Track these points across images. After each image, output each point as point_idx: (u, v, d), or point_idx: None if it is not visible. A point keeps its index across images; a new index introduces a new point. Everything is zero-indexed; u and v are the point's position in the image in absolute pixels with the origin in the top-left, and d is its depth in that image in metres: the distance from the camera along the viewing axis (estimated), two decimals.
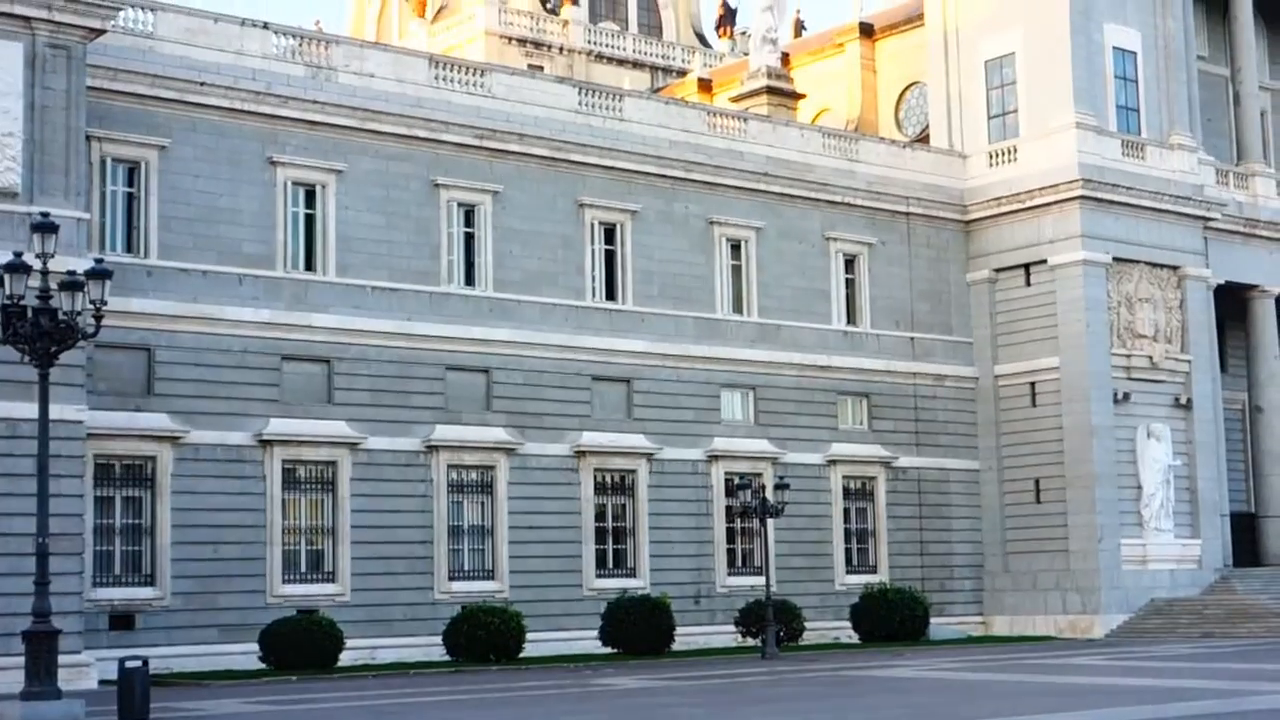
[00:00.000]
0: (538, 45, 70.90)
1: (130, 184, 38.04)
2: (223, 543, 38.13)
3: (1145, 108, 53.32)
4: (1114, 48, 52.61)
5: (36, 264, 24.92)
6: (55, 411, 28.55)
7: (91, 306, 25.10)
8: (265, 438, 38.91)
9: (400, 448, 41.04)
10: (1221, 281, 54.25)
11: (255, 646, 36.53)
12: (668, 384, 45.94)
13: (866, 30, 60.38)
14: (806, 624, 44.82)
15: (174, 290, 37.97)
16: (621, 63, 72.41)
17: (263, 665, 36.33)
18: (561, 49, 71.34)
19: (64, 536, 32.23)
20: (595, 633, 41.43)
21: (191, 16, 39.12)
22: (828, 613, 47.53)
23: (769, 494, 43.76)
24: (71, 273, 25.60)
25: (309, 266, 40.48)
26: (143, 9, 38.31)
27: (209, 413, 38.19)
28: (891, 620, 45.70)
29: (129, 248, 37.87)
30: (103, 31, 35.41)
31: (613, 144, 45.39)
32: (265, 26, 40.37)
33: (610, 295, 45.45)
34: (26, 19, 33.95)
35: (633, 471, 45.06)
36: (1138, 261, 51.61)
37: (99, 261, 26.99)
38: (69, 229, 32.68)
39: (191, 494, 37.73)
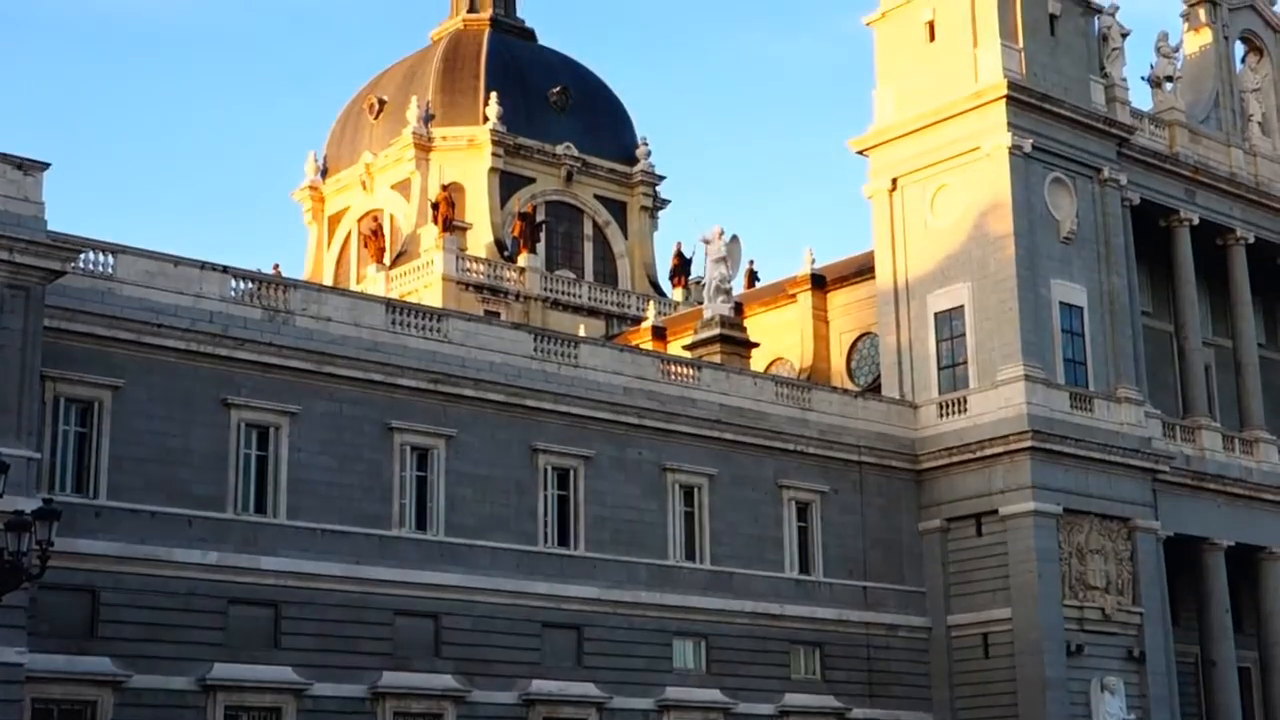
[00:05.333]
0: (495, 292, 71.76)
1: (83, 424, 37.83)
2: None
3: (1092, 361, 54.12)
4: (1060, 303, 53.59)
5: None
6: None
7: (37, 547, 24.88)
8: (209, 683, 38.12)
9: (346, 694, 40.23)
10: (1171, 534, 54.46)
11: None
12: (619, 631, 45.47)
13: (819, 282, 61.35)
14: None
15: (122, 531, 37.56)
16: (577, 310, 73.27)
17: None
18: (518, 295, 72.20)
19: None
20: None
21: (151, 259, 39.34)
22: None
23: None
24: (19, 513, 25.48)
25: (259, 509, 40.19)
26: (103, 251, 38.58)
27: (152, 656, 37.44)
28: None
29: (79, 488, 37.53)
30: (63, 273, 35.68)
31: (567, 390, 45.66)
32: (225, 270, 40.71)
33: (562, 541, 45.23)
34: None
35: None
36: (1088, 513, 51.82)
37: (48, 502, 26.89)
38: (19, 469, 32.43)
39: None
